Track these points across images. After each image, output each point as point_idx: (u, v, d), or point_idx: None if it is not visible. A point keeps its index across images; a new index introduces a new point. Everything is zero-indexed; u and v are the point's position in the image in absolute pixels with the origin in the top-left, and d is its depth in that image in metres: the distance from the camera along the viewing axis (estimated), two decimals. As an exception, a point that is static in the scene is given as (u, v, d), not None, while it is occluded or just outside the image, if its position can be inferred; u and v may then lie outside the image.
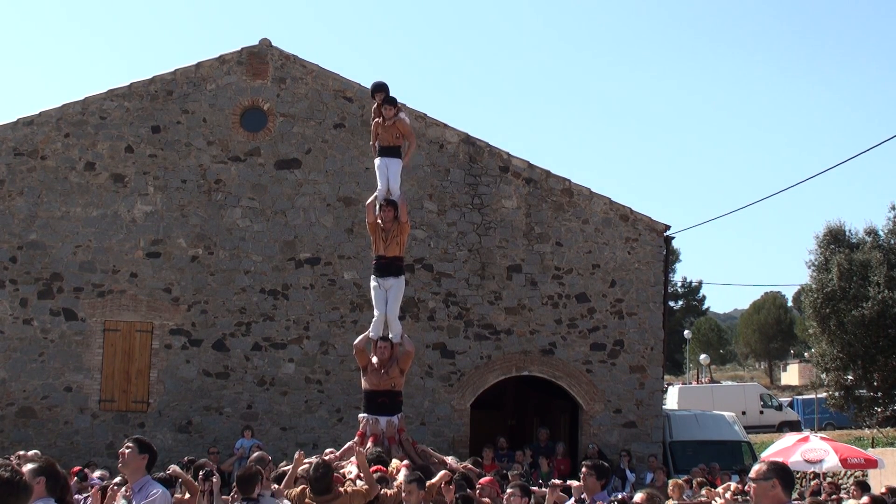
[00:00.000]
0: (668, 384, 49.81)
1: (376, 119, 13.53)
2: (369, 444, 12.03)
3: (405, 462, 11.31)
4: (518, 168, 22.64)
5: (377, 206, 13.02)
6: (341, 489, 9.67)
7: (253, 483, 9.00)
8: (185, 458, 13.22)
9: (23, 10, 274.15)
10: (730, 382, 59.22)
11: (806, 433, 19.65)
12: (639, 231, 22.70)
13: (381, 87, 13.56)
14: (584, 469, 8.55)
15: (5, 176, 21.79)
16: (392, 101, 13.36)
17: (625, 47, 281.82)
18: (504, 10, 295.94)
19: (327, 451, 12.76)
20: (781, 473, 5.41)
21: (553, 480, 13.19)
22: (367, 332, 13.01)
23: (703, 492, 14.76)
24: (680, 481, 15.70)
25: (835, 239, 31.59)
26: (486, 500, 10.58)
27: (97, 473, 14.27)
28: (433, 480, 10.13)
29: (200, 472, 10.06)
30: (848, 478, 24.21)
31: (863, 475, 21.20)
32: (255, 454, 11.29)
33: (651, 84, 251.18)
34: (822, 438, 18.70)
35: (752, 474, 5.45)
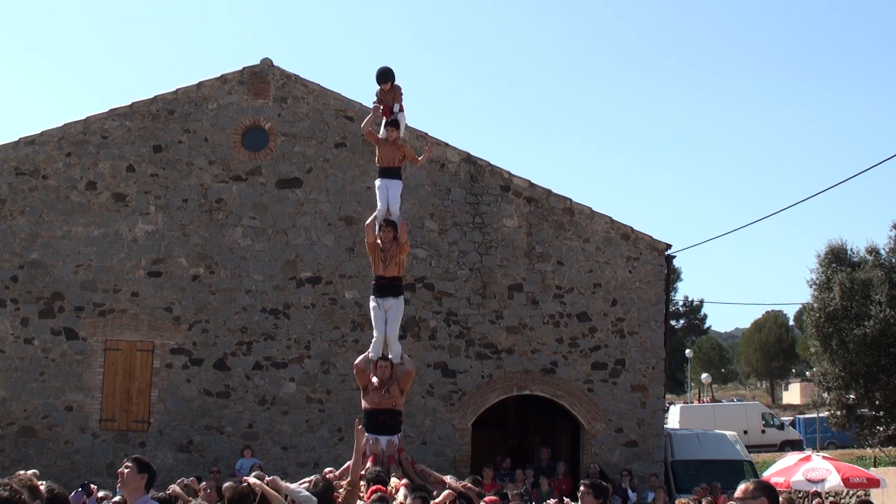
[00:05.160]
0: (670, 403, 49.81)
1: (380, 115, 13.55)
2: (369, 463, 12.01)
3: (404, 481, 11.29)
4: (519, 187, 22.66)
5: (377, 227, 13.02)
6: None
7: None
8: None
9: (24, 30, 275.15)
10: (731, 401, 59.12)
11: (808, 452, 19.61)
12: (640, 250, 22.71)
13: (385, 76, 13.48)
14: (581, 488, 8.49)
15: (7, 195, 21.83)
16: (395, 124, 13.36)
17: (626, 67, 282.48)
18: (506, 29, 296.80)
19: (326, 470, 12.76)
20: (769, 492, 5.35)
21: (549, 501, 13.15)
22: (367, 353, 13.01)
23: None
24: (685, 500, 15.66)
25: (836, 258, 31.58)
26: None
27: (101, 494, 14.24)
28: (437, 500, 10.12)
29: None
30: (850, 497, 24.15)
31: (865, 494, 21.15)
32: (254, 473, 11.27)
33: (652, 103, 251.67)
34: (824, 458, 18.68)
35: (738, 493, 5.36)
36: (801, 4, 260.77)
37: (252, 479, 9.31)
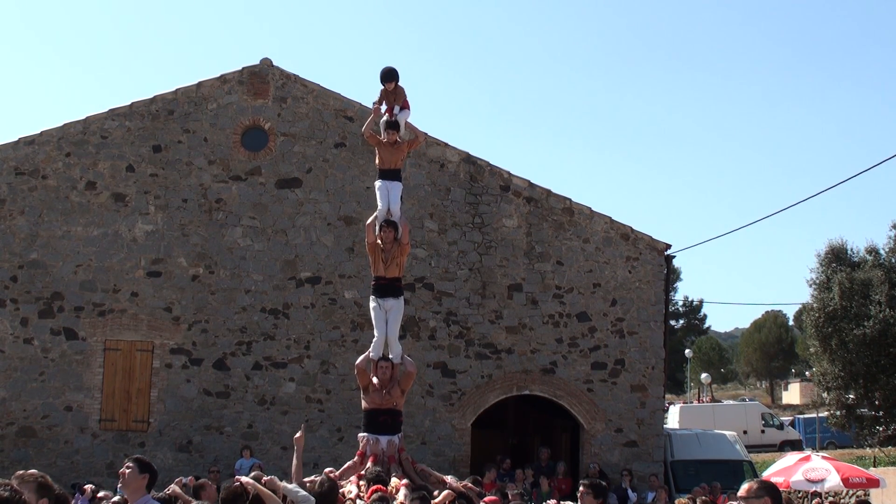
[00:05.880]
0: (670, 403, 49.82)
1: (381, 114, 13.56)
2: (369, 463, 12.00)
3: (404, 481, 11.28)
4: (519, 187, 22.66)
5: (377, 227, 12.98)
6: None
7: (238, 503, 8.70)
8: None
9: (24, 30, 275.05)
10: (731, 401, 59.11)
11: (807, 452, 19.61)
12: (639, 250, 22.70)
13: (390, 76, 13.45)
14: (581, 488, 8.51)
15: (6, 195, 21.83)
16: (395, 126, 13.35)
17: (625, 67, 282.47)
18: (505, 29, 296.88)
19: (327, 470, 12.73)
20: (772, 492, 5.35)
21: (548, 501, 13.12)
22: (367, 353, 12.97)
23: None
24: (684, 500, 15.64)
25: (836, 257, 31.59)
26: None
27: (100, 494, 14.23)
28: (437, 500, 10.10)
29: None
30: (850, 497, 24.14)
31: (865, 494, 21.14)
32: (253, 473, 11.25)
33: (651, 103, 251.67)
34: (823, 458, 18.68)
35: (741, 493, 5.36)
36: (801, 4, 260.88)
37: (245, 479, 9.24)
